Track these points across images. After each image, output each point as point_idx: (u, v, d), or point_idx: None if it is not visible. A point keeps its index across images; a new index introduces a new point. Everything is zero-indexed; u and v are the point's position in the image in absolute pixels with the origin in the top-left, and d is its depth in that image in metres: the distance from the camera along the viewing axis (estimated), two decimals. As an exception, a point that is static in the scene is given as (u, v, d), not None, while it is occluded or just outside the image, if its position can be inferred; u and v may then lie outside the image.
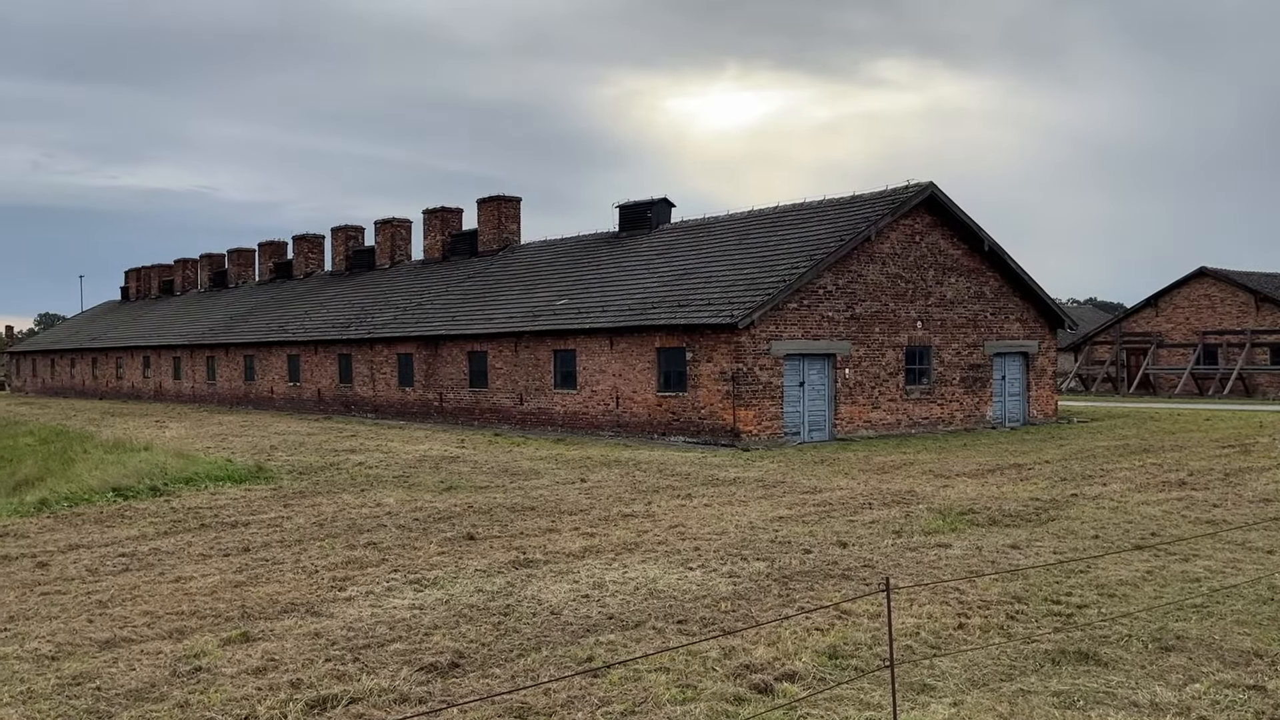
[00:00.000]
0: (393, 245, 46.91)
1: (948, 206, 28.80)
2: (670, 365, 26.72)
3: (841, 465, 20.49)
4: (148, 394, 54.31)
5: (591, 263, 34.22)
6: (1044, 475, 18.51)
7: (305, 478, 19.17)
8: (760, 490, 16.87)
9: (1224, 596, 9.33)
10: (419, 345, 35.95)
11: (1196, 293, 50.40)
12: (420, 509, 15.18)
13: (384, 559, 11.58)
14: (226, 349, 47.50)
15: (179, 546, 12.52)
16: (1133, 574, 10.28)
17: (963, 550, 11.67)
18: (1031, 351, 31.96)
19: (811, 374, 26.30)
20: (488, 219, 41.42)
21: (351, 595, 9.86)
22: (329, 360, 40.79)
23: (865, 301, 27.34)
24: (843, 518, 14.00)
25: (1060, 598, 9.36)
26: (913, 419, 28.44)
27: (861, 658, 7.66)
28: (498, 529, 13.43)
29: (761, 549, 11.82)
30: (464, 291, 37.62)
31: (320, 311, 44.15)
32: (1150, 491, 16.27)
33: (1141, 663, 7.50)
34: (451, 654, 7.84)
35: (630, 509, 14.98)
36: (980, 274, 30.30)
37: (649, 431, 27.07)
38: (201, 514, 14.91)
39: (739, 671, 7.33)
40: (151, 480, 17.70)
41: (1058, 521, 13.54)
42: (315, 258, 53.07)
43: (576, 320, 29.57)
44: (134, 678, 7.43)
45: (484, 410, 33.00)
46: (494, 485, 17.82)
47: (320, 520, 14.30)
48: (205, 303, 57.36)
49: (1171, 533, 12.62)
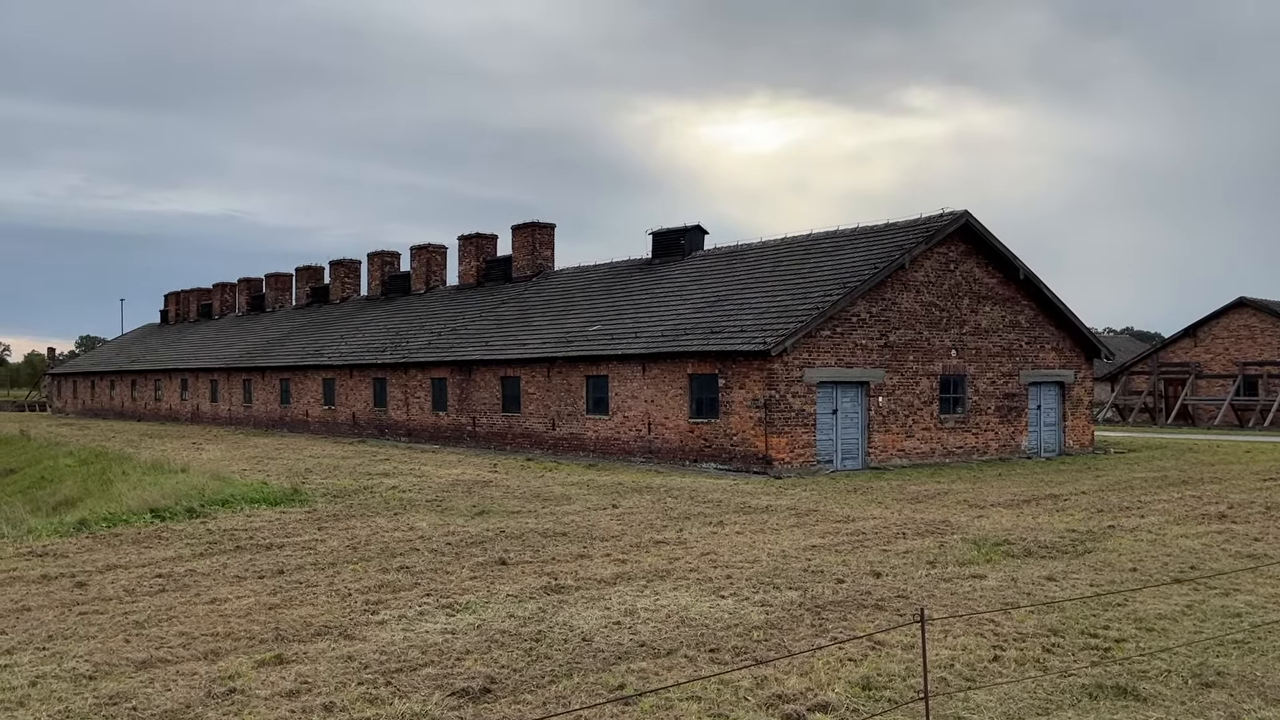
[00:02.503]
0: (428, 271, 47.32)
1: (982, 235, 28.67)
2: (702, 392, 26.70)
3: (875, 494, 20.35)
4: (185, 416, 54.93)
5: (624, 289, 34.32)
6: (1080, 506, 18.29)
7: (339, 501, 19.28)
8: (793, 518, 16.78)
9: (1266, 632, 9.17)
10: (452, 370, 36.16)
11: (1236, 323, 49.76)
12: (453, 533, 15.23)
13: (417, 583, 11.62)
14: (263, 372, 48.00)
15: (214, 568, 12.63)
16: (1172, 608, 10.13)
17: (998, 581, 11.54)
18: (1067, 381, 31.65)
19: (845, 402, 26.18)
20: (522, 245, 41.71)
21: (384, 619, 9.90)
22: (364, 384, 41.11)
23: (899, 330, 27.22)
24: (876, 547, 13.90)
25: (1097, 631, 9.23)
26: (947, 448, 28.21)
27: (895, 689, 7.59)
28: (530, 554, 13.45)
29: (794, 578, 11.75)
30: (498, 317, 37.83)
31: (355, 336, 44.55)
32: (1189, 524, 16.02)
33: (1181, 699, 7.38)
34: (483, 679, 7.85)
35: (662, 536, 14.95)
36: (1015, 302, 30.10)
37: (681, 458, 27.03)
38: (237, 536, 15.04)
39: (771, 701, 7.29)
40: (188, 502, 17.88)
41: (1094, 554, 13.37)
42: (351, 283, 53.60)
43: (609, 346, 29.64)
44: (169, 698, 7.50)
45: (516, 435, 33.10)
46: (526, 510, 17.85)
47: (354, 543, 14.38)
48: (242, 326, 58.04)
49: (1211, 566, 12.42)
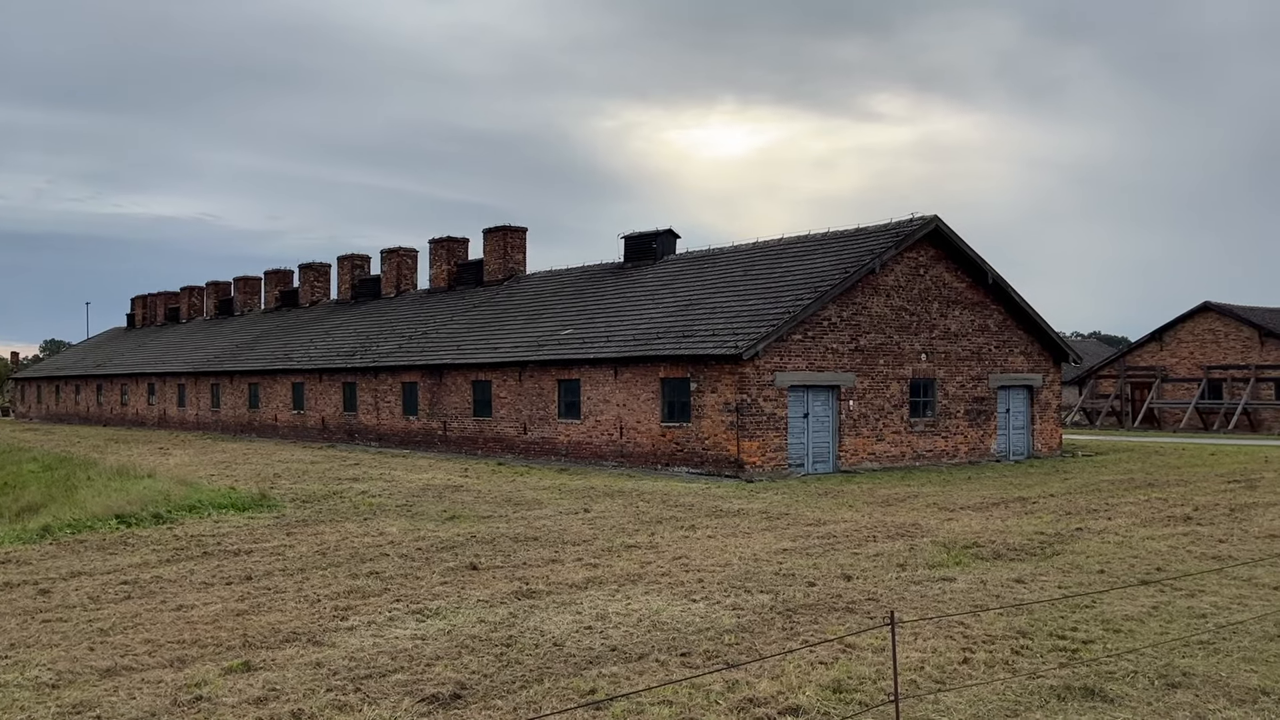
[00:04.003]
0: (398, 274, 47.10)
1: (951, 239, 28.88)
2: (674, 396, 26.71)
3: (845, 497, 20.43)
4: (152, 421, 54.35)
5: (596, 293, 34.30)
6: (1049, 509, 18.45)
7: (308, 506, 19.14)
8: (764, 522, 16.81)
9: (1230, 633, 9.28)
10: (423, 374, 35.99)
11: (1200, 327, 50.40)
12: (423, 538, 15.14)
13: (386, 588, 11.55)
14: (231, 376, 47.57)
15: (181, 574, 12.49)
16: (1138, 609, 10.23)
17: (967, 584, 11.62)
18: (1036, 385, 31.93)
19: (816, 406, 26.28)
20: (493, 249, 41.60)
21: (353, 625, 9.83)
22: (333, 388, 40.84)
23: (869, 334, 27.36)
24: (847, 550, 13.95)
25: (1065, 633, 9.31)
26: (917, 451, 28.38)
27: (866, 692, 7.62)
28: (500, 559, 13.40)
29: (765, 581, 11.77)
30: (469, 321, 37.70)
31: (325, 340, 44.25)
32: (1155, 526, 16.20)
33: (1148, 700, 7.45)
34: (454, 685, 7.80)
35: (633, 540, 14.94)
36: (984, 307, 30.34)
37: (652, 462, 27.03)
38: (204, 542, 14.89)
39: (742, 705, 7.30)
40: (154, 508, 17.67)
41: (1063, 556, 13.48)
42: (321, 286, 53.26)
43: (581, 350, 29.60)
44: (134, 706, 7.41)
45: (488, 439, 32.98)
46: (497, 515, 17.79)
47: (323, 549, 14.27)
48: (210, 330, 57.52)
49: (1177, 568, 12.56)
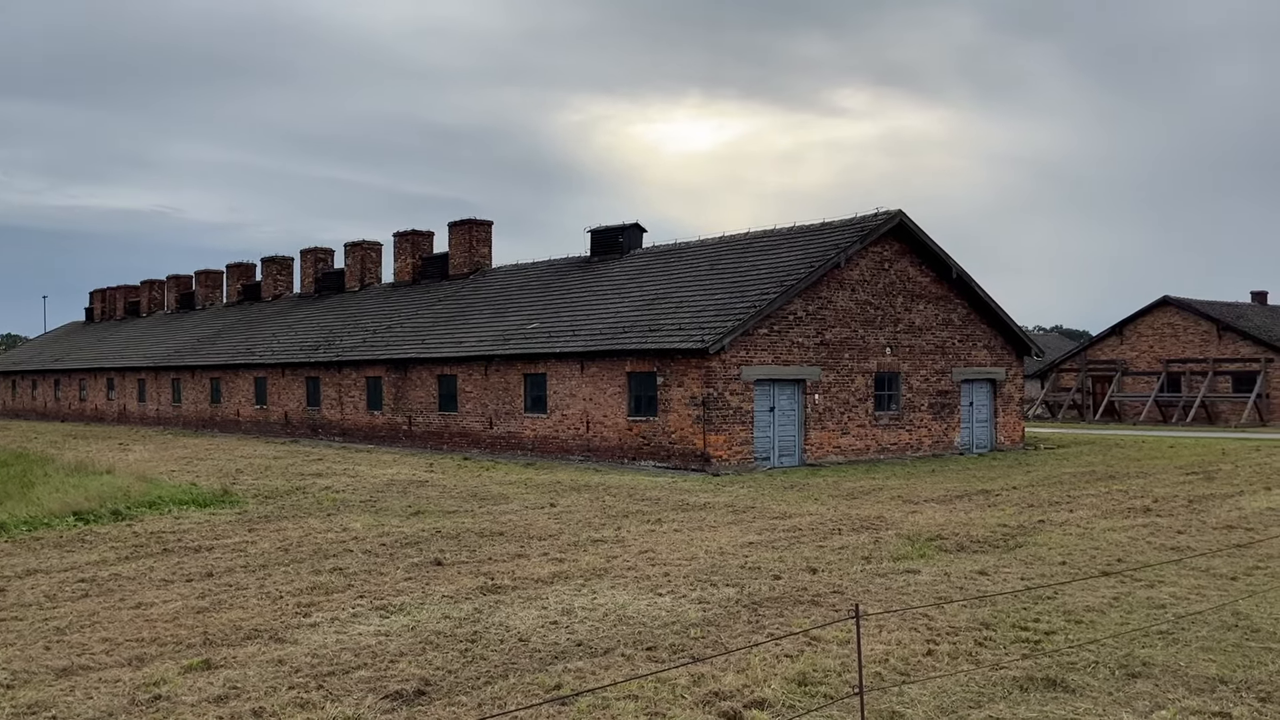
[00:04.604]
0: (362, 268, 46.72)
1: (916, 234, 29.05)
2: (641, 390, 26.70)
3: (811, 491, 20.51)
4: (111, 416, 53.62)
5: (563, 287, 34.21)
6: (1011, 501, 18.62)
7: (271, 502, 18.95)
8: (730, 516, 16.84)
9: (1189, 623, 9.40)
10: (388, 368, 35.74)
11: (1160, 321, 51.07)
12: (387, 534, 15.04)
13: (350, 585, 11.45)
14: (192, 371, 47.01)
15: (140, 572, 12.32)
16: (1099, 600, 10.34)
17: (931, 576, 11.69)
18: (999, 378, 32.22)
19: (782, 399, 26.37)
20: (459, 242, 41.37)
21: (316, 621, 9.73)
22: (296, 383, 40.46)
23: (835, 328, 27.48)
24: (812, 543, 14.00)
25: (1028, 624, 9.39)
26: (881, 445, 28.55)
27: (831, 685, 7.64)
28: (466, 554, 13.32)
29: (731, 575, 11.79)
30: (434, 315, 37.48)
31: (288, 334, 43.83)
32: (1116, 518, 16.39)
33: (1109, 689, 7.53)
34: (418, 681, 7.74)
35: (600, 534, 14.91)
36: (948, 301, 30.56)
37: (619, 456, 27.01)
38: (164, 539, 14.70)
39: (708, 699, 7.29)
40: (113, 504, 17.42)
41: (1025, 548, 13.60)
42: (284, 280, 52.74)
43: (547, 344, 29.52)
44: (91, 706, 7.29)
45: (453, 434, 32.82)
46: (462, 510, 17.70)
47: (285, 545, 14.13)
48: (171, 324, 56.80)
49: (1137, 559, 12.71)
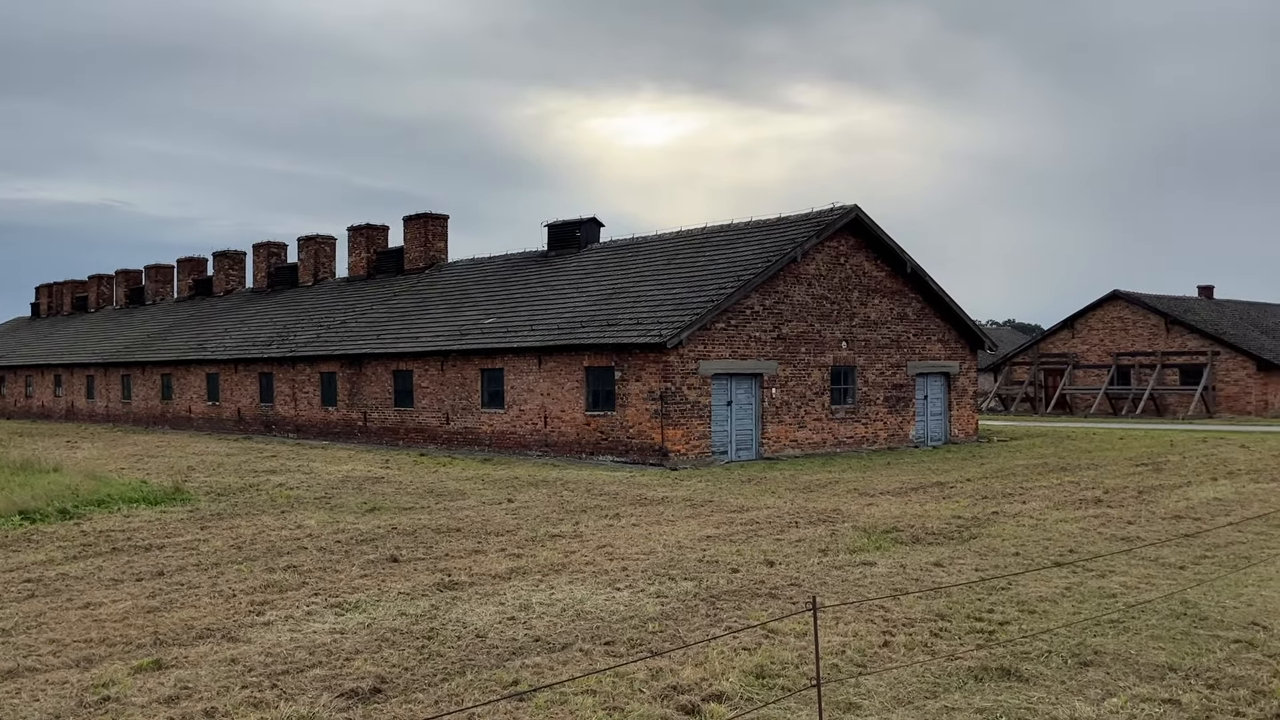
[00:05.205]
0: (316, 262, 46.21)
1: (871, 229, 29.25)
2: (599, 385, 26.66)
3: (768, 484, 20.60)
4: (59, 414, 52.64)
5: (520, 281, 34.06)
6: (965, 493, 18.82)
7: (223, 499, 18.70)
8: (688, 509, 16.87)
9: (1139, 612, 9.55)
10: (343, 364, 35.39)
11: (1110, 315, 51.87)
12: (342, 531, 14.89)
13: (304, 582, 11.32)
14: (143, 367, 46.27)
15: (89, 571, 12.10)
16: (1052, 590, 10.47)
17: (887, 568, 11.78)
18: (953, 372, 32.55)
19: (739, 393, 26.45)
20: (414, 236, 41.03)
21: (270, 620, 9.61)
22: (249, 379, 39.96)
23: (791, 322, 27.61)
24: (769, 537, 14.06)
25: (982, 615, 9.49)
26: (838, 438, 28.74)
27: (788, 677, 7.67)
28: (422, 551, 13.23)
29: (689, 568, 11.80)
30: (389, 310, 37.17)
31: (241, 329, 43.26)
32: (1068, 509, 16.62)
33: (1061, 678, 7.63)
34: (373, 679, 7.67)
35: (558, 529, 14.87)
36: (903, 295, 30.82)
37: (577, 451, 26.96)
38: (113, 537, 14.45)
39: (666, 693, 7.29)
40: (61, 503, 17.10)
41: (979, 539, 13.76)
42: (236, 275, 52.04)
43: (504, 339, 29.38)
44: (38, 709, 7.14)
45: (409, 430, 32.58)
46: (419, 506, 17.57)
47: (238, 543, 13.95)
48: (121, 320, 55.84)
49: (1088, 550, 12.90)
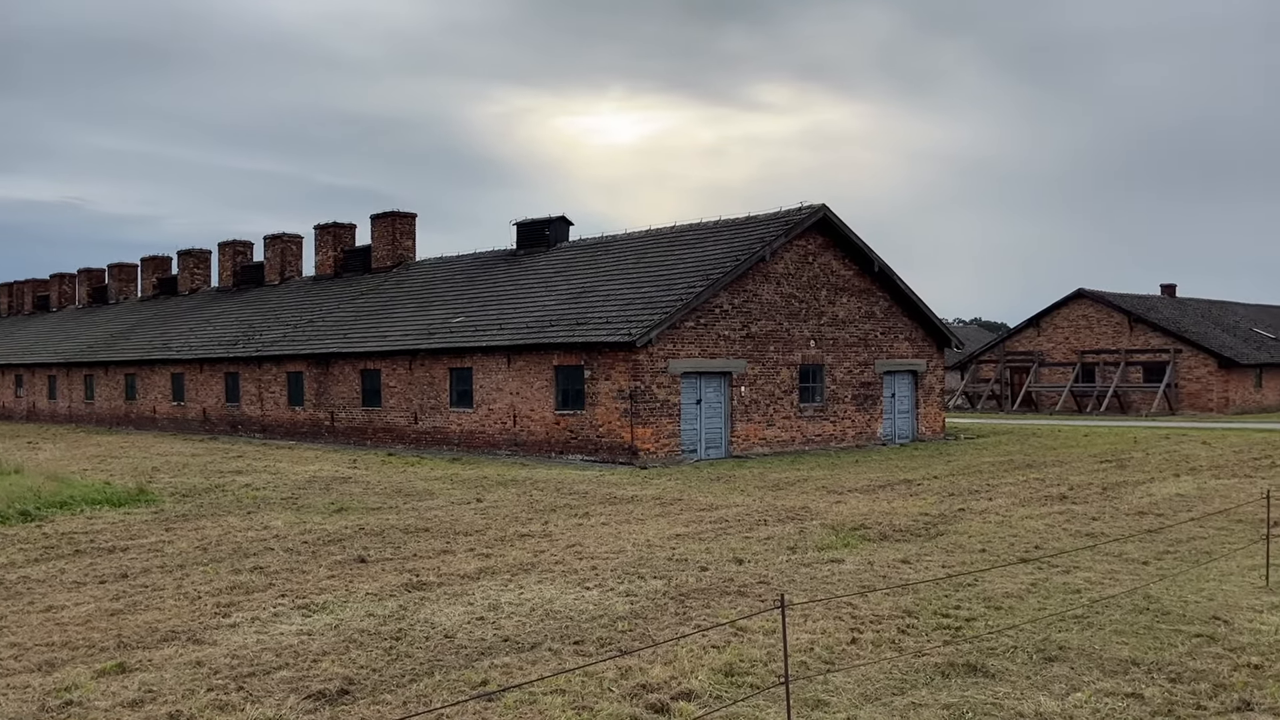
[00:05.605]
0: (283, 261, 45.82)
1: (839, 228, 29.40)
2: (568, 384, 26.62)
3: (737, 482, 20.66)
4: (19, 414, 51.89)
5: (489, 280, 33.95)
6: (932, 491, 18.95)
7: (189, 500, 18.51)
8: (658, 508, 16.88)
9: (1103, 607, 9.66)
10: (309, 363, 35.12)
11: (1075, 313, 52.43)
12: (309, 531, 14.78)
13: (271, 584, 11.23)
14: (106, 367, 45.70)
15: (51, 574, 11.94)
16: (1018, 586, 10.57)
17: (855, 565, 11.85)
18: (920, 370, 32.78)
19: (708, 392, 26.50)
20: (382, 235, 40.78)
21: (236, 622, 9.52)
22: (215, 379, 39.57)
23: (760, 321, 27.69)
24: (739, 535, 14.09)
25: (949, 611, 9.56)
26: (806, 436, 28.87)
27: (757, 675, 7.69)
28: (390, 551, 13.16)
29: (659, 567, 11.81)
30: (357, 309, 36.92)
31: (206, 328, 42.84)
32: (1033, 506, 16.78)
33: (1026, 673, 7.70)
34: (341, 680, 7.62)
35: (527, 529, 14.84)
36: (871, 294, 30.99)
37: (547, 450, 26.91)
38: (76, 539, 14.26)
39: (635, 692, 7.29)
40: (22, 504, 16.85)
41: (946, 536, 13.86)
42: (201, 273, 51.50)
43: (473, 338, 29.27)
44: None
45: (377, 430, 32.39)
46: (387, 506, 17.47)
47: (204, 544, 13.81)
48: (83, 319, 55.13)
49: (1054, 546, 13.03)
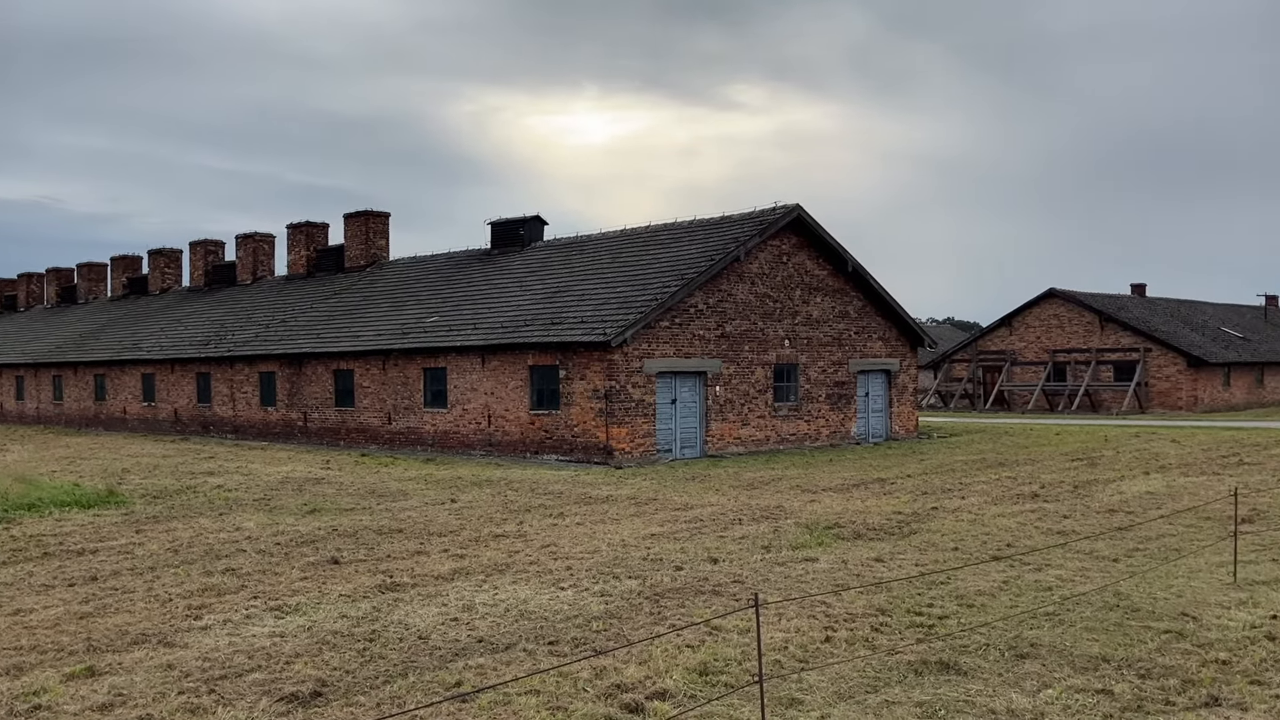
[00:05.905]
0: (255, 260, 45.49)
1: (813, 228, 29.50)
2: (543, 383, 26.58)
3: (712, 482, 20.69)
4: (-13, 415, 51.27)
5: (463, 280, 33.84)
6: (906, 489, 19.06)
7: (160, 502, 18.35)
8: (633, 508, 16.89)
9: (1074, 604, 9.74)
10: (282, 364, 34.89)
11: (1047, 313, 52.84)
12: (282, 533, 14.68)
13: (243, 585, 11.15)
14: (75, 368, 45.22)
15: (19, 577, 11.80)
16: (990, 584, 10.65)
17: (829, 564, 11.89)
18: (893, 369, 32.95)
19: (683, 392, 26.53)
20: (355, 234, 40.56)
21: (208, 624, 9.45)
22: (186, 379, 39.24)
23: (735, 320, 27.75)
24: (713, 534, 14.12)
25: (922, 609, 9.62)
26: (781, 435, 28.95)
27: (732, 674, 7.71)
28: (364, 552, 13.09)
29: (633, 567, 11.81)
30: (330, 308, 36.71)
31: (177, 328, 42.46)
32: (1006, 504, 16.91)
33: (998, 671, 7.76)
34: (314, 683, 7.57)
35: (501, 529, 14.81)
36: (844, 294, 31.12)
37: (522, 450, 26.85)
38: (45, 542, 14.10)
39: (610, 691, 7.29)
40: (-11, 507, 16.66)
41: (919, 534, 13.94)
42: (172, 273, 51.04)
43: (448, 338, 29.17)
44: (-35, 719, 6.95)
45: (350, 430, 32.21)
46: (360, 507, 17.38)
47: (175, 546, 13.69)
48: (52, 319, 54.52)
49: (1025, 543, 13.13)
